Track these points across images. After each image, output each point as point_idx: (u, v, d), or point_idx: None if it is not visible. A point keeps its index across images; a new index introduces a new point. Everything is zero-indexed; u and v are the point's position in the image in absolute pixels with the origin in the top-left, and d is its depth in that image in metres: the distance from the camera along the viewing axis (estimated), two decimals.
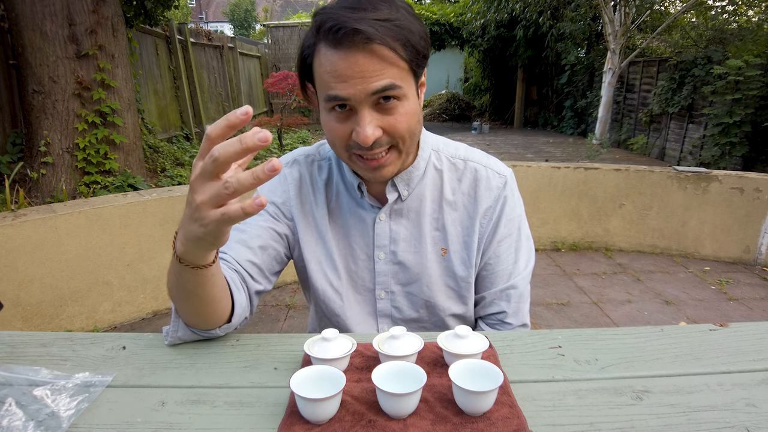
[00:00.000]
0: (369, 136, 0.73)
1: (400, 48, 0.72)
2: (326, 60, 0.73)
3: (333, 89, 0.73)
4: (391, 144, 0.78)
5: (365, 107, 0.74)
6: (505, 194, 0.92)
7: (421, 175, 0.91)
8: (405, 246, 0.92)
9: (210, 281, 0.68)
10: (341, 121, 0.76)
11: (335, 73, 0.72)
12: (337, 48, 0.71)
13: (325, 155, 0.97)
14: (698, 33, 8.90)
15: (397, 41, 0.71)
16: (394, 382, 0.59)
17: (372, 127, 0.74)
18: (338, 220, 0.94)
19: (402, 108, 0.76)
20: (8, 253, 2.38)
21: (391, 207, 0.91)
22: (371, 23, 0.69)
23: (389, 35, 0.70)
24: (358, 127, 0.74)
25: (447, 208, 0.92)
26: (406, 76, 0.75)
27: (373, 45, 0.70)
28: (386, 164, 0.80)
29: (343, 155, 0.82)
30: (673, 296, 3.33)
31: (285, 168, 0.96)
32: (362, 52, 0.70)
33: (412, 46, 0.74)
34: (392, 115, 0.75)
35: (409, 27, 0.73)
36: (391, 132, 0.77)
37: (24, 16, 3.61)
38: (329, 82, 0.73)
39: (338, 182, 0.94)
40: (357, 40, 0.69)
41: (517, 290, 0.93)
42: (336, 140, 0.79)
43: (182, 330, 0.77)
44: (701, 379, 0.69)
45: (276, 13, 32.27)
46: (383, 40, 0.70)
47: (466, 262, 0.92)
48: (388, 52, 0.71)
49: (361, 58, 0.70)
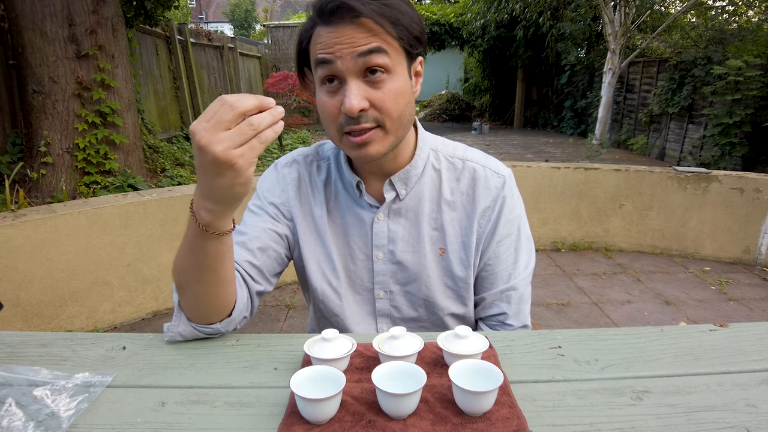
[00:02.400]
0: (355, 105, 0.74)
1: (388, 24, 0.74)
2: (317, 36, 0.76)
3: (321, 53, 0.75)
4: (378, 122, 0.78)
5: (353, 76, 0.75)
6: (503, 194, 0.91)
7: (419, 174, 0.91)
8: (403, 245, 0.92)
9: (228, 254, 0.72)
10: (331, 95, 0.78)
11: (324, 44, 0.75)
12: (328, 25, 0.74)
13: (324, 155, 0.97)
14: (698, 33, 8.90)
15: (384, 18, 0.74)
16: (394, 383, 0.59)
17: (359, 98, 0.74)
18: (337, 220, 0.94)
19: (390, 83, 0.77)
20: (8, 253, 2.38)
21: (389, 206, 0.91)
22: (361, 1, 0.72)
23: (377, 12, 0.73)
24: (345, 99, 0.75)
25: (445, 208, 0.92)
26: (396, 52, 0.77)
27: (362, 18, 0.72)
28: (372, 141, 0.79)
29: (334, 135, 0.82)
30: (673, 296, 3.33)
31: (284, 168, 0.96)
32: (350, 25, 0.73)
33: (402, 25, 0.76)
34: (380, 89, 0.76)
35: (399, 8, 0.76)
36: (379, 105, 0.77)
37: (24, 16, 3.61)
38: (318, 52, 0.76)
39: (337, 182, 0.94)
40: (346, 15, 0.72)
41: (518, 291, 0.93)
42: (327, 116, 0.80)
43: (183, 325, 0.77)
44: (701, 380, 0.69)
45: (276, 14, 32.27)
46: (371, 16, 0.73)
47: (465, 263, 0.91)
48: (376, 27, 0.74)
49: (349, 29, 0.73)
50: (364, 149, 0.79)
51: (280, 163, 0.98)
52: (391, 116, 0.78)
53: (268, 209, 0.93)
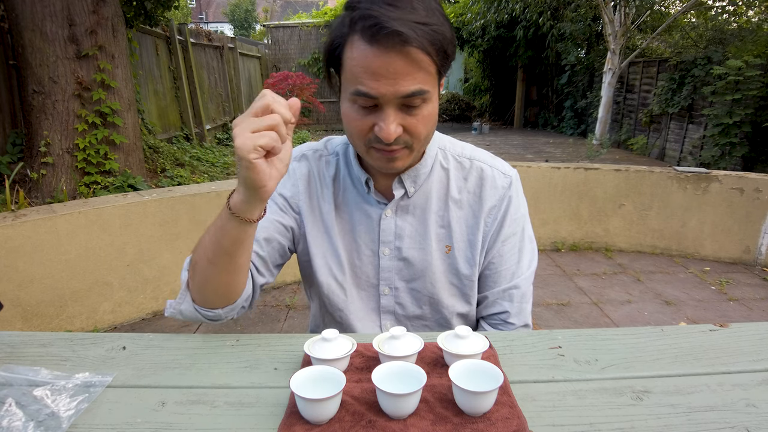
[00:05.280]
0: (392, 133, 0.75)
1: (434, 53, 0.73)
2: (360, 54, 0.72)
3: (363, 86, 0.73)
4: (407, 144, 0.80)
5: (391, 106, 0.75)
6: (510, 194, 0.93)
7: (428, 172, 0.92)
8: (410, 242, 0.92)
9: (246, 243, 0.76)
10: (364, 114, 0.77)
11: (368, 70, 0.72)
12: (372, 44, 0.71)
13: (333, 150, 0.97)
14: (698, 33, 8.90)
15: (432, 46, 0.72)
16: (394, 383, 0.59)
17: (395, 125, 0.75)
18: (344, 215, 0.94)
19: (425, 110, 0.77)
20: (8, 254, 2.38)
21: (397, 203, 0.92)
22: (411, 26, 0.69)
23: (426, 39, 0.71)
24: (382, 123, 0.75)
25: (453, 206, 0.92)
26: (433, 80, 0.76)
27: (410, 48, 0.70)
28: (399, 158, 0.81)
29: (359, 146, 0.82)
30: (673, 296, 3.33)
31: (293, 162, 0.97)
32: (398, 54, 0.70)
33: (444, 52, 0.75)
34: (415, 116, 0.77)
35: (444, 33, 0.74)
36: (411, 132, 0.78)
37: (24, 16, 3.61)
38: (360, 77, 0.73)
39: (345, 177, 0.95)
40: (395, 41, 0.69)
41: (520, 290, 0.94)
42: (355, 132, 0.80)
43: (186, 304, 0.81)
44: (701, 380, 0.69)
45: (276, 14, 32.27)
46: (421, 45, 0.70)
47: (470, 261, 0.92)
48: (423, 57, 0.72)
49: (396, 59, 0.70)
50: (391, 163, 0.82)
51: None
52: (420, 139, 0.80)
53: (277, 200, 0.94)
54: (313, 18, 12.87)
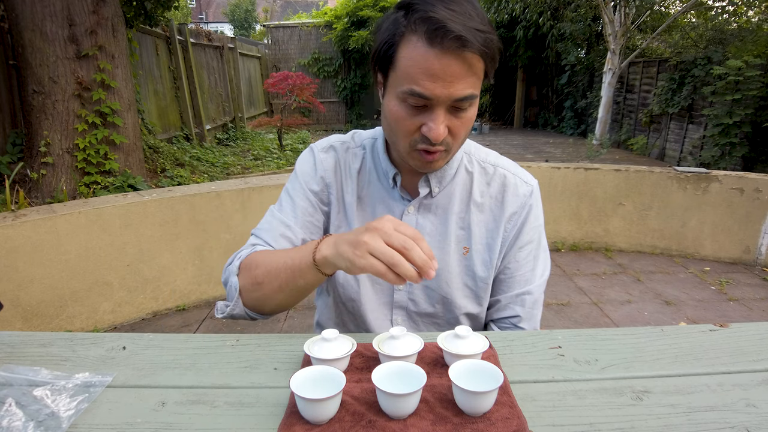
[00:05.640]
0: (441, 134, 0.77)
1: (488, 61, 0.75)
2: (418, 54, 0.73)
3: (418, 86, 0.74)
4: (447, 146, 0.81)
5: (442, 108, 0.76)
6: (531, 203, 0.95)
7: (453, 174, 0.94)
8: (429, 240, 0.94)
9: (316, 285, 0.82)
10: (413, 114, 0.78)
11: (426, 71, 0.73)
12: (433, 46, 0.71)
13: (360, 143, 0.98)
14: (698, 33, 8.90)
15: (487, 53, 0.74)
16: (394, 383, 0.59)
17: (444, 127, 0.77)
18: (367, 209, 0.96)
19: (469, 113, 0.79)
20: (8, 254, 2.38)
21: (421, 201, 0.93)
22: (472, 32, 0.71)
23: (483, 46, 0.72)
24: (431, 123, 0.76)
25: (474, 209, 0.94)
26: (480, 85, 0.78)
27: (468, 53, 0.71)
28: (439, 159, 0.83)
29: (401, 144, 0.83)
30: (673, 296, 3.33)
31: (321, 153, 0.98)
32: (456, 58, 0.72)
33: (493, 59, 0.77)
34: (460, 119, 0.79)
35: (495, 41, 0.75)
36: (454, 133, 0.80)
37: (24, 16, 3.61)
38: (416, 77, 0.74)
39: (371, 171, 0.96)
40: (455, 45, 0.71)
41: (532, 296, 0.96)
42: (401, 130, 0.80)
43: (239, 309, 0.86)
44: (701, 380, 0.69)
45: (276, 14, 32.28)
46: (478, 50, 0.72)
47: (487, 263, 0.94)
48: (478, 62, 0.74)
49: (454, 62, 0.72)
50: (430, 164, 0.84)
51: (317, 147, 0.99)
52: (459, 141, 0.83)
53: (309, 197, 0.95)
54: (313, 18, 12.86)
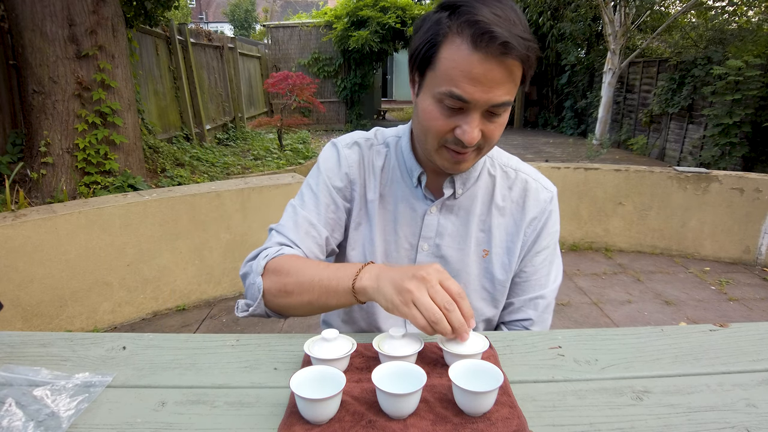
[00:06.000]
0: (475, 138, 0.77)
1: (528, 69, 0.76)
2: (461, 57, 0.72)
3: (458, 89, 0.74)
4: (479, 148, 0.82)
5: (478, 112, 0.76)
6: (550, 209, 0.96)
7: (476, 176, 0.94)
8: (449, 241, 0.94)
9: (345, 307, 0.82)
10: (448, 115, 0.78)
11: (468, 74, 0.72)
12: (477, 50, 0.71)
13: (383, 140, 0.98)
14: (698, 33, 8.91)
15: (527, 61, 0.74)
16: (394, 383, 0.59)
17: (478, 131, 0.77)
18: (388, 207, 0.96)
19: (503, 118, 0.80)
20: (8, 254, 2.38)
21: (443, 202, 0.93)
22: (516, 39, 0.70)
23: (525, 53, 0.72)
24: (466, 126, 0.76)
25: (495, 212, 0.95)
26: (516, 91, 0.78)
27: (510, 59, 0.71)
28: (468, 160, 0.83)
29: (431, 143, 0.83)
30: (673, 296, 3.33)
31: (345, 149, 0.97)
32: (499, 64, 0.72)
33: (533, 68, 0.77)
34: (494, 123, 0.79)
35: (536, 49, 0.75)
36: (487, 137, 0.80)
37: (24, 16, 3.61)
38: (457, 79, 0.73)
39: (394, 169, 0.96)
40: (500, 50, 0.70)
41: (545, 300, 0.96)
42: (433, 130, 0.80)
43: (260, 310, 0.86)
44: (701, 380, 0.69)
45: (276, 14, 32.26)
46: (521, 57, 0.72)
47: (506, 267, 0.95)
48: (518, 70, 0.74)
49: (496, 68, 0.72)
50: (459, 165, 0.84)
51: (341, 143, 0.98)
52: (491, 144, 0.83)
53: (333, 194, 0.95)
54: (313, 18, 12.85)
